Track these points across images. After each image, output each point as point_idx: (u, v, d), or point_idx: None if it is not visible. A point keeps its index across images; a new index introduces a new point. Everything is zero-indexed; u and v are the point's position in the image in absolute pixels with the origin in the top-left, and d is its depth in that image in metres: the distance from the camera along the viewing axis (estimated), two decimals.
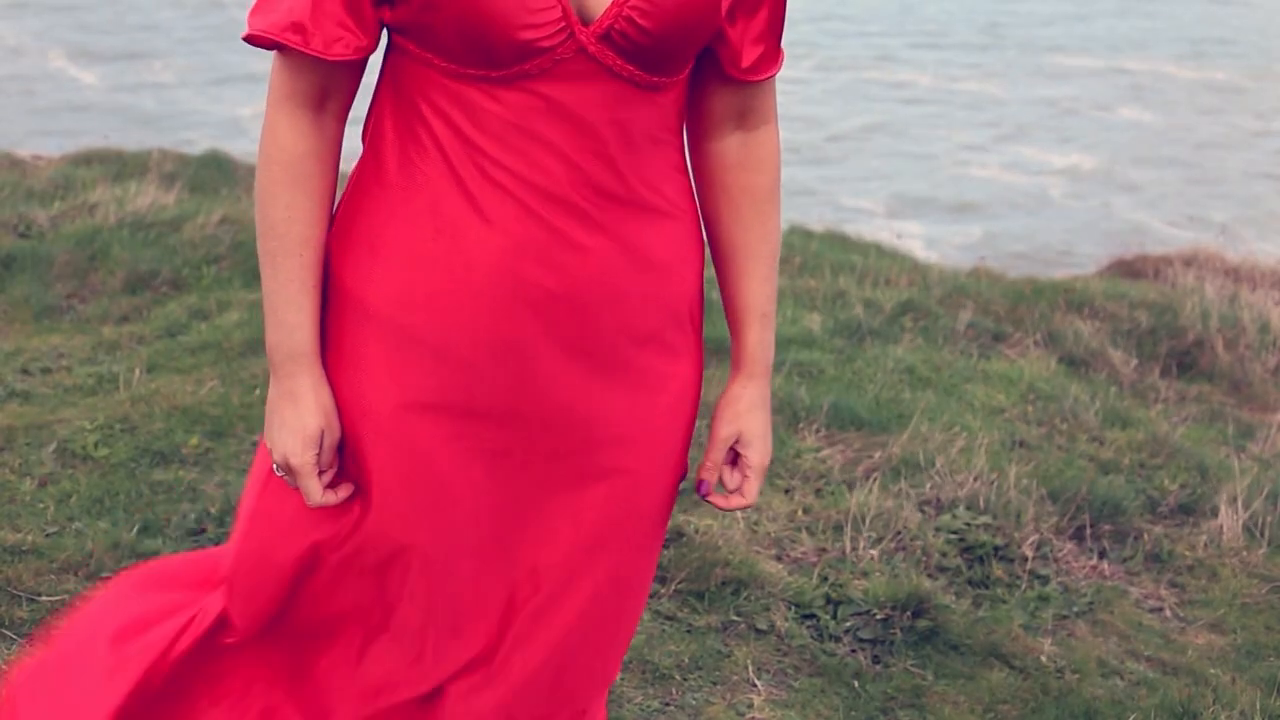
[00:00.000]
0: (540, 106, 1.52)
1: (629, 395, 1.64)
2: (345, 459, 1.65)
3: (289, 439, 1.59)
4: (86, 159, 6.79)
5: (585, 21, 1.51)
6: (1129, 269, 7.28)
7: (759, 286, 1.72)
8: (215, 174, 6.70)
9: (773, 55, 1.67)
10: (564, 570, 1.67)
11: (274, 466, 1.64)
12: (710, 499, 1.77)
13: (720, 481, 1.77)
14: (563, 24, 1.49)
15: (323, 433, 1.60)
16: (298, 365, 1.60)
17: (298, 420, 1.59)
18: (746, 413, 1.74)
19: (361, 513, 1.64)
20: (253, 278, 5.00)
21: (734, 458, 1.76)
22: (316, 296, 1.60)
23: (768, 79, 1.68)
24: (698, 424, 1.86)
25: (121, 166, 6.55)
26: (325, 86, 1.57)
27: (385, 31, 1.59)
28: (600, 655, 1.75)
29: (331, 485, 1.64)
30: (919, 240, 9.60)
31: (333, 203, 1.63)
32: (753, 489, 1.75)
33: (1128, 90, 15.38)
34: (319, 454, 1.61)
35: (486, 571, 1.66)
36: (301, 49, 1.52)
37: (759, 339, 1.74)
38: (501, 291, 1.55)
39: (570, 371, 1.60)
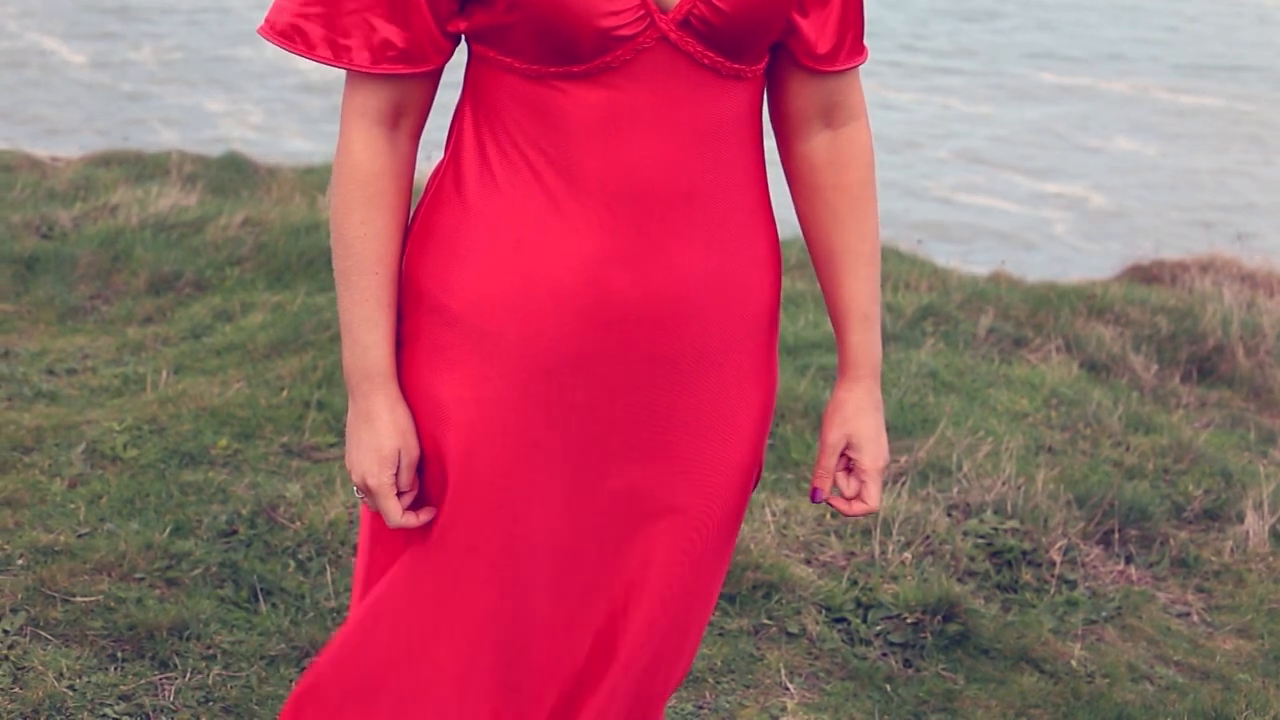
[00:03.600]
0: (625, 102, 1.51)
1: (709, 406, 1.64)
2: (425, 479, 1.63)
3: (365, 459, 1.58)
4: (105, 160, 6.80)
5: (664, 9, 1.51)
6: (1145, 274, 7.27)
7: (860, 286, 1.70)
8: (235, 176, 6.71)
9: (853, 47, 1.66)
10: (640, 582, 1.67)
11: (353, 489, 1.64)
12: (833, 504, 1.76)
13: (836, 486, 1.76)
14: (642, 11, 1.49)
15: (400, 452, 1.59)
16: (373, 385, 1.58)
17: (374, 440, 1.58)
18: (855, 416, 1.72)
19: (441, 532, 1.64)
20: (275, 279, 5.01)
21: (848, 463, 1.74)
22: (391, 315, 1.59)
23: (848, 71, 1.67)
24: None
25: (141, 168, 6.56)
26: (400, 104, 1.56)
27: (465, 43, 1.59)
28: (666, 665, 1.75)
29: (413, 507, 1.63)
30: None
31: (407, 220, 1.61)
32: (873, 493, 1.73)
33: (1120, 115, 15.29)
34: (397, 474, 1.59)
35: (560, 586, 1.66)
36: (332, 63, 1.51)
37: (861, 340, 1.72)
38: (586, 300, 1.55)
39: (653, 381, 1.60)
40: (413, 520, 1.61)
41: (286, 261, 5.08)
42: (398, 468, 1.59)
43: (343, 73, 1.58)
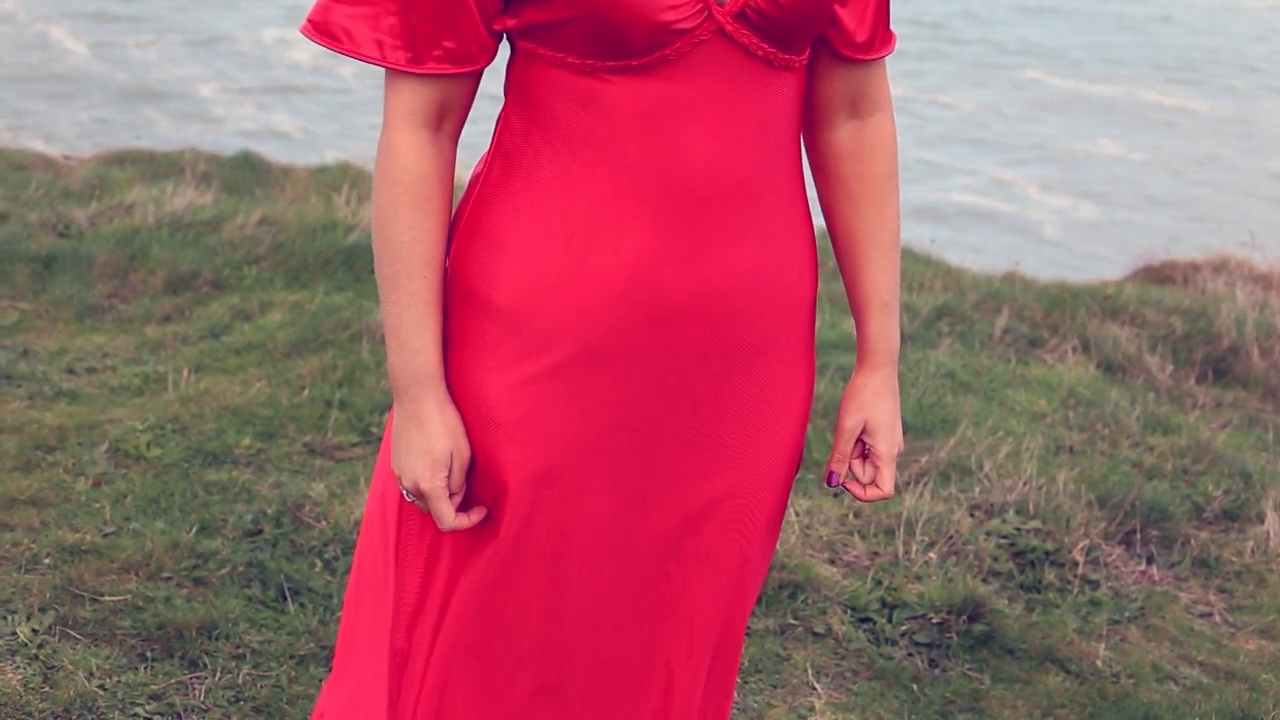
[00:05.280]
0: (680, 96, 1.52)
1: (755, 398, 1.65)
2: (474, 479, 1.63)
3: (417, 463, 1.58)
4: (119, 159, 6.81)
5: (720, 2, 1.51)
6: (1156, 274, 7.27)
7: (879, 275, 1.72)
8: (249, 175, 6.71)
9: (884, 36, 1.67)
10: (694, 577, 1.68)
11: (404, 492, 1.63)
12: (849, 489, 1.77)
13: (852, 472, 1.77)
14: (701, 4, 1.49)
15: (451, 455, 1.59)
16: (422, 388, 1.58)
17: (425, 444, 1.57)
18: (871, 402, 1.74)
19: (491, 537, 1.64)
20: (293, 278, 5.01)
21: (863, 449, 1.76)
22: (439, 318, 1.58)
23: (878, 61, 1.69)
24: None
25: (155, 167, 6.57)
26: (444, 105, 1.56)
27: (508, 40, 1.59)
28: (728, 658, 1.76)
29: (463, 509, 1.63)
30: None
31: (449, 221, 1.61)
32: (886, 479, 1.74)
33: (1106, 116, 15.23)
34: (449, 477, 1.59)
35: (611, 584, 1.66)
36: (394, 66, 1.51)
37: (879, 328, 1.73)
38: (637, 295, 1.55)
39: (700, 375, 1.60)
40: (465, 521, 1.61)
41: (304, 260, 5.08)
42: (449, 470, 1.59)
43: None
